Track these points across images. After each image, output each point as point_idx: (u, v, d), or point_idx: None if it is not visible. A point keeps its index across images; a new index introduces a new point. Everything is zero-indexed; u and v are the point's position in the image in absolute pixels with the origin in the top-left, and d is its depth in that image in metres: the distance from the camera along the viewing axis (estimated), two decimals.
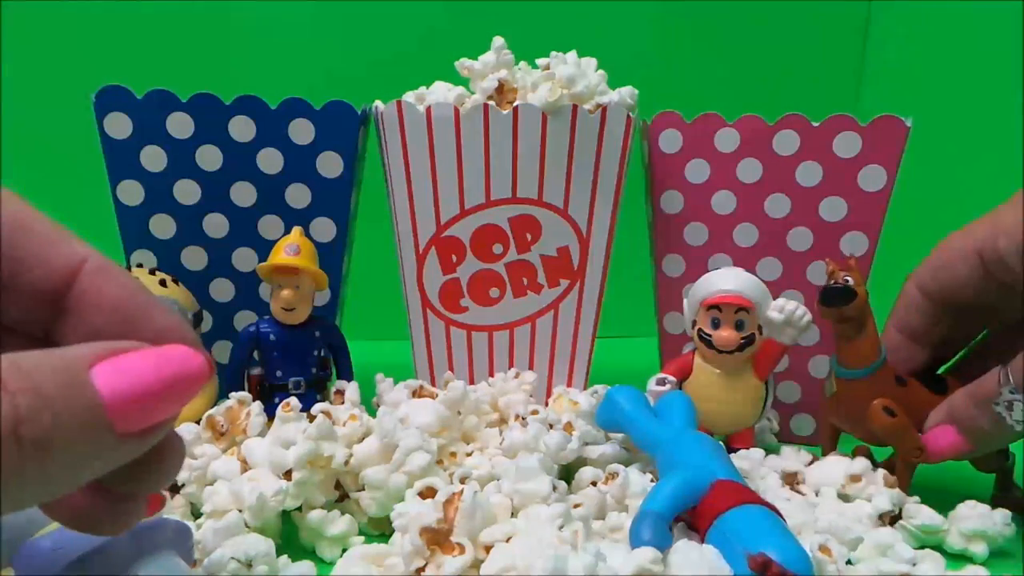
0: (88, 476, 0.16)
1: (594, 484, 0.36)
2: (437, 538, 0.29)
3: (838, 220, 0.47)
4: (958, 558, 0.34)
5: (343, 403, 0.41)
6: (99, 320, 0.19)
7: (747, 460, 0.39)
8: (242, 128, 0.47)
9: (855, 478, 0.37)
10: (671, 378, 0.43)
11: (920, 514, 0.35)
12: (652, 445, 0.36)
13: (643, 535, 0.28)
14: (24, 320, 0.19)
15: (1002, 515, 0.34)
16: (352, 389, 0.41)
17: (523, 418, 0.41)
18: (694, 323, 0.43)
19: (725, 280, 0.42)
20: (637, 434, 0.37)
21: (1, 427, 0.14)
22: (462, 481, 0.34)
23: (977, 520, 0.34)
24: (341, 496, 0.37)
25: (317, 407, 0.37)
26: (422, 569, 0.28)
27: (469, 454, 0.39)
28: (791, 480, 0.38)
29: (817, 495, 0.37)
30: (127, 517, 0.19)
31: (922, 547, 0.34)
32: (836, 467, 0.38)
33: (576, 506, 0.33)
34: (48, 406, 0.14)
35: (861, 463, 0.38)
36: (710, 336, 0.42)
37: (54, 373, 0.15)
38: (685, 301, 0.44)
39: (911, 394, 0.38)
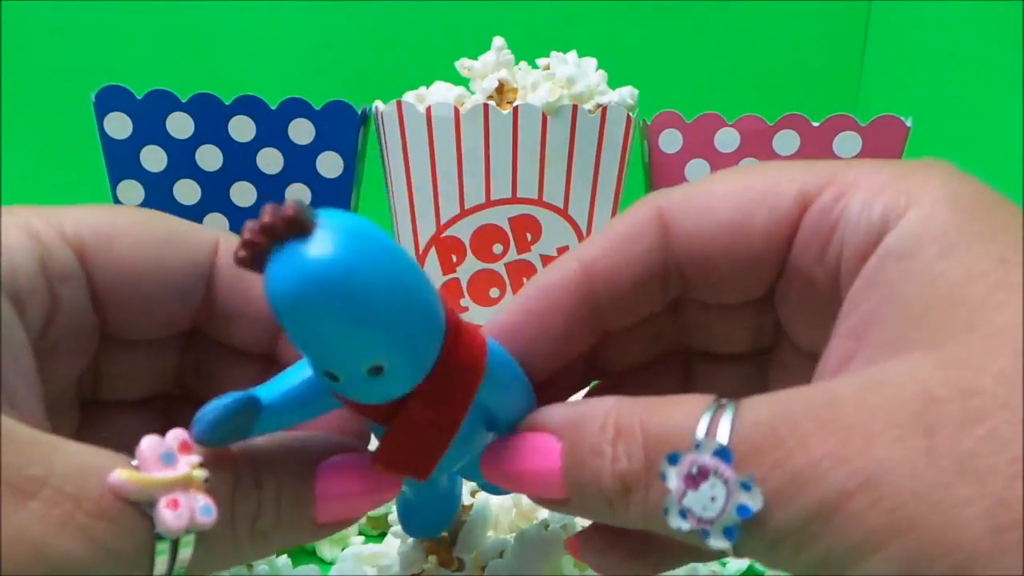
0: (277, 551, 0.19)
1: None
2: (437, 548, 0.28)
3: None
4: None
5: None
6: None
7: None
8: (242, 128, 0.47)
9: None
10: None
11: None
12: None
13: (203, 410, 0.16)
14: (252, 342, 0.21)
15: None
16: None
17: None
18: None
19: None
20: None
21: (240, 518, 0.16)
22: (472, 495, 0.34)
23: None
24: None
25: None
26: None
27: None
28: None
29: None
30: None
31: None
32: None
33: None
34: (280, 504, 0.17)
35: None
36: None
37: (291, 473, 0.17)
38: None
39: None
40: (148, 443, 0.15)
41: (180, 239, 0.20)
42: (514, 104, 0.44)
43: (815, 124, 0.46)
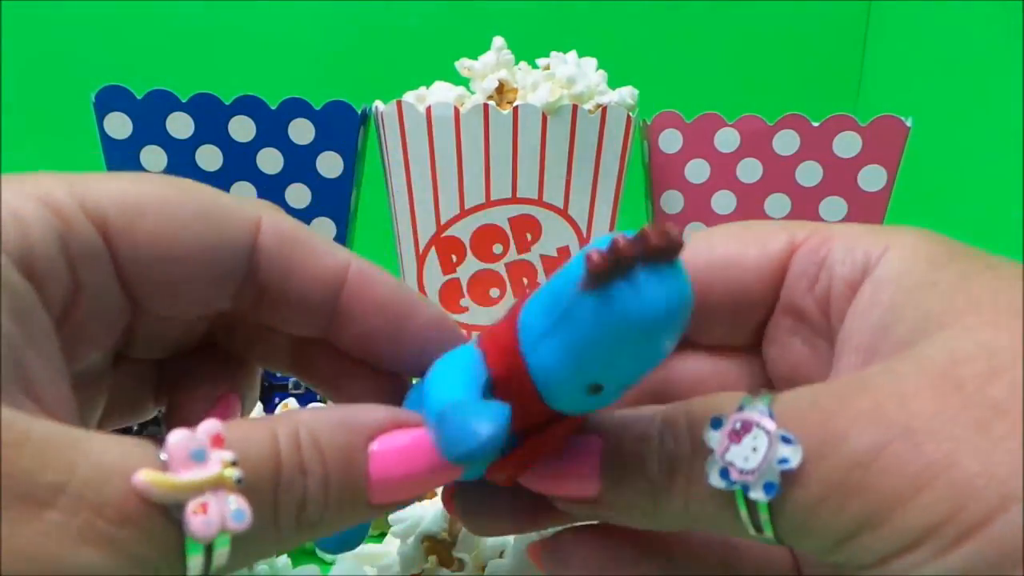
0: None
1: None
2: (437, 548, 0.28)
3: (838, 220, 0.47)
4: None
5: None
6: (369, 320, 0.19)
7: None
8: (242, 128, 0.47)
9: None
10: None
11: None
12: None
13: (481, 430, 0.16)
14: (301, 328, 0.20)
15: None
16: None
17: None
18: None
19: None
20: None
21: (284, 510, 0.15)
22: None
23: None
24: None
25: (309, 407, 0.37)
26: None
27: None
28: None
29: None
30: None
31: None
32: None
33: None
34: (328, 490, 0.15)
35: None
36: None
37: (339, 452, 0.15)
38: None
39: None
40: (177, 439, 0.13)
41: (216, 214, 0.18)
42: (514, 104, 0.44)
43: (815, 124, 0.46)
